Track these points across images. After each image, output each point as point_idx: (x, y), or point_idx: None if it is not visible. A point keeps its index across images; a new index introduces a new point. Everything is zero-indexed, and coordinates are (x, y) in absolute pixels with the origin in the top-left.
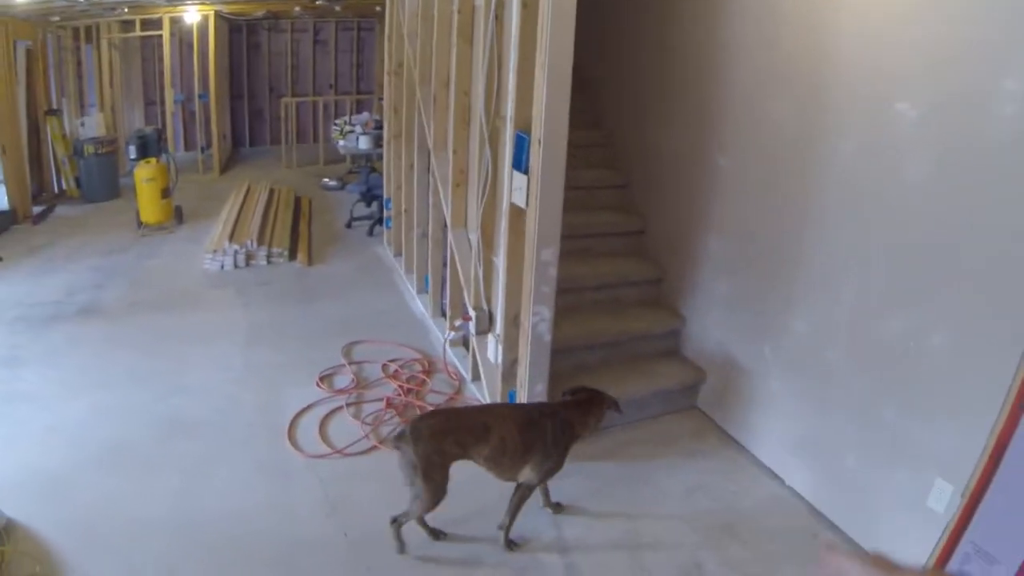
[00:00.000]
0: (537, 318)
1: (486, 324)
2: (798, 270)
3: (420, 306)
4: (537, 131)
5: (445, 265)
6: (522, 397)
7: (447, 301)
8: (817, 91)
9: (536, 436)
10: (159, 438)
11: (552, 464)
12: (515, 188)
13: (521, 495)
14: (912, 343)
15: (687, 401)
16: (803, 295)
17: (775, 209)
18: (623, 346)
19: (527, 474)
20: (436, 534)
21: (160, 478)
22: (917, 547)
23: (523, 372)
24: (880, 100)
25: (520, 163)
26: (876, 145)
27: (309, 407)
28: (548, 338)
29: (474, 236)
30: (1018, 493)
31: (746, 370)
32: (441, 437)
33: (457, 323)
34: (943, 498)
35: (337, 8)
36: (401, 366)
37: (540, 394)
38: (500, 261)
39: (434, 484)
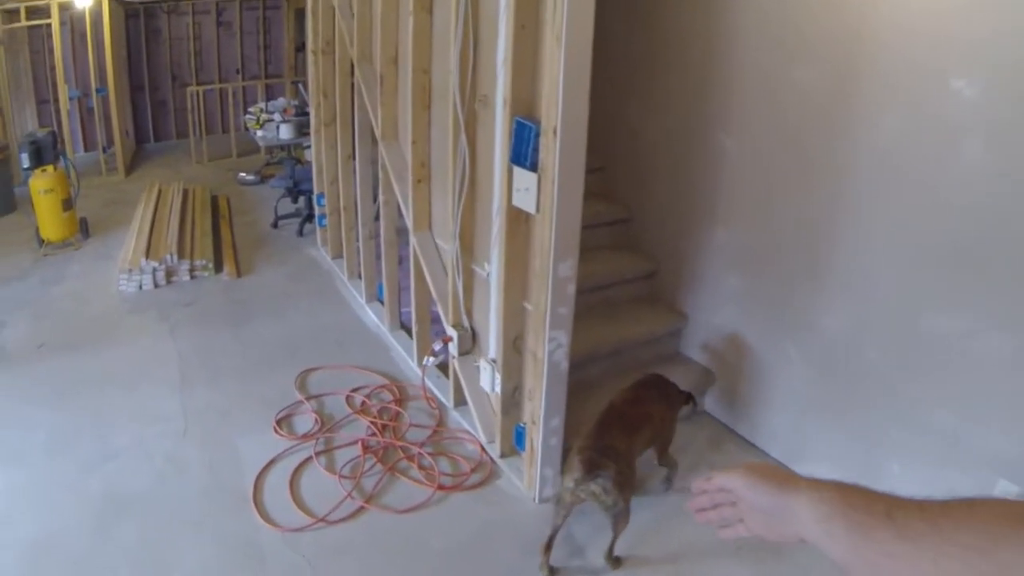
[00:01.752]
0: (554, 344)
1: (469, 343)
2: (829, 262)
3: (373, 317)
4: (550, 118)
5: (401, 268)
6: (535, 435)
7: (410, 313)
8: (854, 57)
9: (667, 401)
10: (95, 524)
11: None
12: (517, 188)
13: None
14: (969, 343)
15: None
16: (835, 290)
17: (798, 194)
18: (624, 354)
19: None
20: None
21: None
22: None
23: (535, 406)
24: (932, 73)
25: (524, 157)
26: (925, 124)
27: (271, 462)
28: (566, 366)
29: (445, 243)
30: None
31: (766, 371)
32: (629, 450)
33: (436, 347)
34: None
35: None
36: (368, 396)
37: (557, 429)
38: (493, 275)
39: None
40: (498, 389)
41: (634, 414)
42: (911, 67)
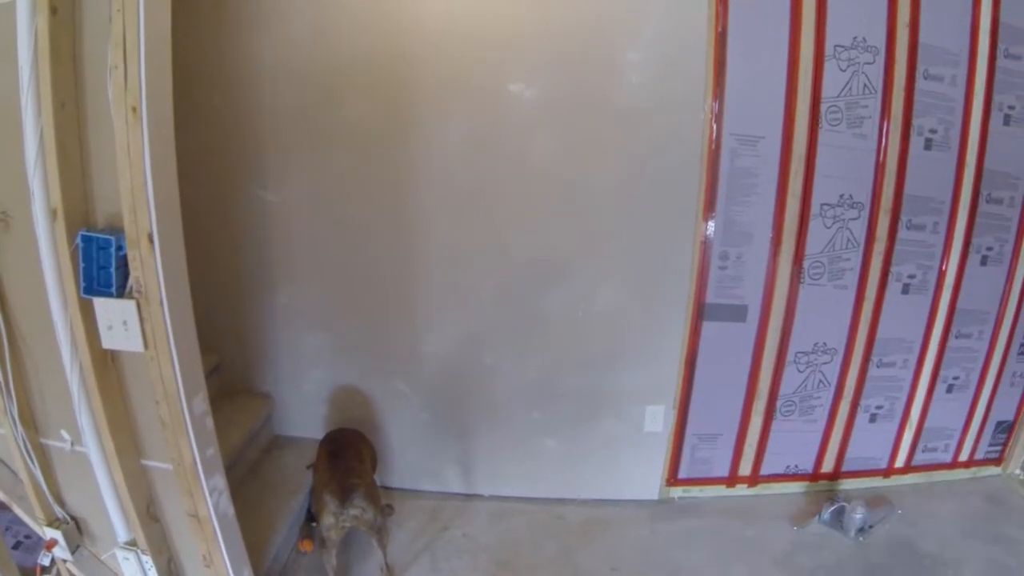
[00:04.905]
0: (215, 494)
1: (77, 536)
2: (417, 288)
3: None
4: (140, 223)
5: None
6: None
7: None
8: (403, 87)
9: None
10: None
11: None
12: (106, 326)
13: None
14: (580, 312)
15: None
16: (433, 310)
17: (367, 230)
18: (237, 465)
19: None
20: None
21: None
22: (649, 466)
23: (218, 571)
24: (490, 84)
25: (105, 283)
26: (489, 133)
27: None
28: (232, 510)
29: None
30: (714, 387)
31: (384, 417)
32: (363, 466)
33: (44, 561)
34: (658, 418)
35: None
36: None
37: None
38: (91, 443)
39: None
40: (154, 573)
41: (347, 440)
42: (467, 85)
